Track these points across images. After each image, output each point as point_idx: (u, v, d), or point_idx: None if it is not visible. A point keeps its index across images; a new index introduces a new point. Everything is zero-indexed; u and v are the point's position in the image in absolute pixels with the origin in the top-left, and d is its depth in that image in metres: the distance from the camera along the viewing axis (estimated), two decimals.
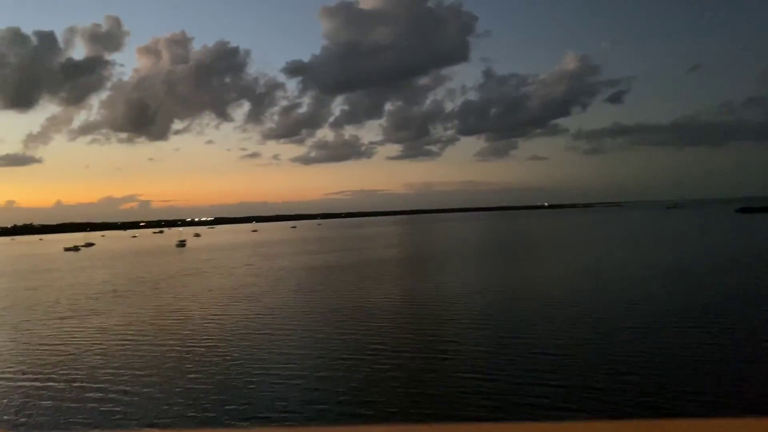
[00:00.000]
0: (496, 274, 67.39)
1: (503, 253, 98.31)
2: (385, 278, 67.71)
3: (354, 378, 27.38)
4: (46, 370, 31.55)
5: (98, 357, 34.18)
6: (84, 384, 28.40)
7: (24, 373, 31.20)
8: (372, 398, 24.39)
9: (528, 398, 23.47)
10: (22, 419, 23.79)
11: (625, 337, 33.12)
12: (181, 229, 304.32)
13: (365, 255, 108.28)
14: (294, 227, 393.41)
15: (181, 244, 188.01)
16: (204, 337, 38.33)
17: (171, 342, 37.40)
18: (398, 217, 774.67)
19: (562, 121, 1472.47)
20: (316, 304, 50.41)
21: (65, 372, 30.96)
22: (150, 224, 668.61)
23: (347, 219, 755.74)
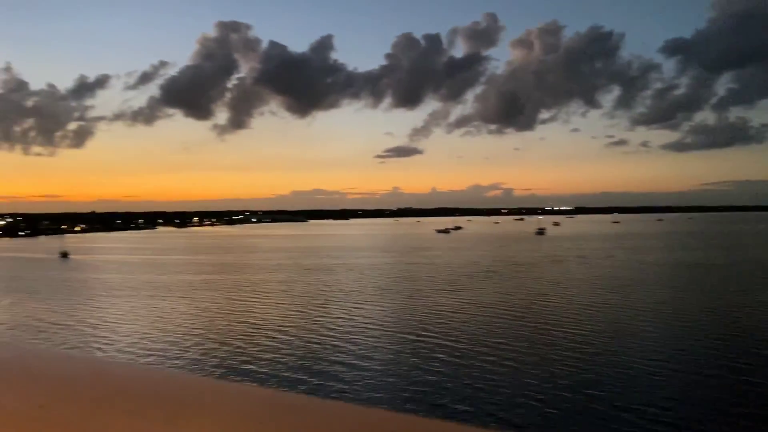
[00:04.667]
0: None
1: None
2: None
3: (728, 393, 24.23)
4: (427, 333, 36.11)
5: (469, 327, 37.55)
6: (459, 349, 31.64)
7: (412, 334, 36.28)
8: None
9: None
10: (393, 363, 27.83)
11: None
12: (540, 217, 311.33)
13: (753, 255, 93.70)
14: (660, 220, 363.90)
15: (540, 231, 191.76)
16: (565, 323, 38.56)
17: (535, 323, 38.70)
18: None
19: None
20: (686, 303, 45.86)
21: (435, 337, 34.92)
22: (511, 211, 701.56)
23: (726, 213, 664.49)
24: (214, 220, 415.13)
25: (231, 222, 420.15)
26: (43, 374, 0.80)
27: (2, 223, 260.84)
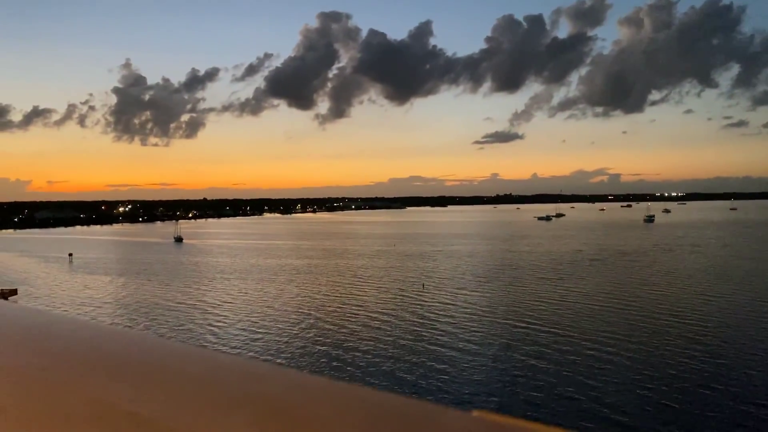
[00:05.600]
0: None
1: None
2: None
3: None
4: (529, 322, 35.68)
5: (573, 316, 36.72)
6: (562, 336, 31.06)
7: (517, 321, 35.98)
8: None
9: None
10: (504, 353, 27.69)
11: None
12: (649, 203, 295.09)
13: None
14: None
15: (649, 219, 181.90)
16: (677, 313, 36.79)
17: (644, 314, 37.17)
18: None
19: None
20: None
21: (537, 325, 34.37)
22: (617, 198, 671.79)
23: None
24: (315, 207, 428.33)
25: (331, 209, 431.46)
26: (50, 338, 0.84)
27: (122, 209, 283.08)
